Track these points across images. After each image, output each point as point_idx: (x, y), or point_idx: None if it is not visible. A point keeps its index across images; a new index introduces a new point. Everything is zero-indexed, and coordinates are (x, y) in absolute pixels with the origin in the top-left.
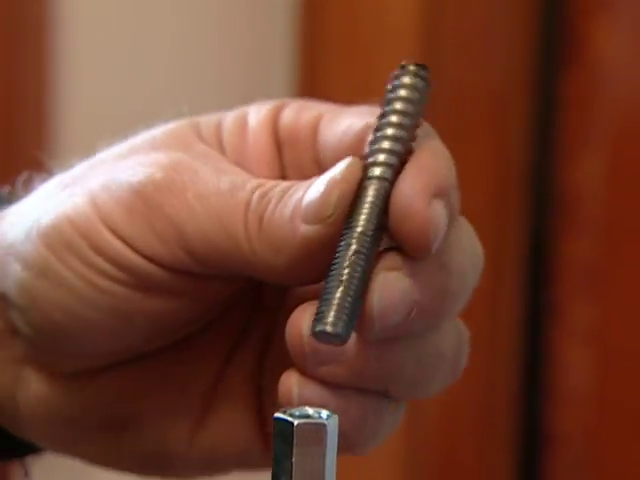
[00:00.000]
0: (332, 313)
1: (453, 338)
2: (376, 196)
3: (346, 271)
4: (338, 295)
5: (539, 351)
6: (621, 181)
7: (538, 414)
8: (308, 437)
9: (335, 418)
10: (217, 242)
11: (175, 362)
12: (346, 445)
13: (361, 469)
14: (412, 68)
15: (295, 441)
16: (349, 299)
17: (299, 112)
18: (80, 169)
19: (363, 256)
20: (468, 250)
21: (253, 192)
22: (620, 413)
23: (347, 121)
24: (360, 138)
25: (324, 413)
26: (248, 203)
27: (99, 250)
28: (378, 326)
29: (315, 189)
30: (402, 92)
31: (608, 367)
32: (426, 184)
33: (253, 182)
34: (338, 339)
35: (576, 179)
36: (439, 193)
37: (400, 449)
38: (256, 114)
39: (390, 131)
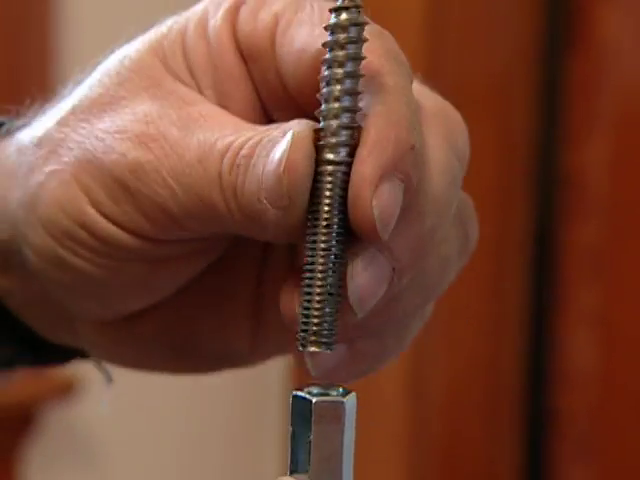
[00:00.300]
0: (314, 329)
1: (454, 239)
2: (334, 185)
3: (319, 275)
4: (316, 307)
5: (544, 333)
6: (626, 165)
7: (543, 395)
8: (326, 415)
9: (353, 396)
10: (201, 215)
11: (214, 284)
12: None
13: (367, 449)
14: (347, 11)
15: (313, 419)
16: (327, 310)
17: (255, 16)
18: (54, 125)
19: (332, 254)
20: (440, 170)
21: (222, 158)
22: (624, 393)
23: (302, 37)
24: (316, 61)
25: (342, 391)
26: (220, 174)
27: (97, 236)
28: (362, 313)
29: (268, 172)
30: (348, 47)
31: (612, 349)
32: (373, 166)
33: (219, 144)
34: (325, 348)
35: (581, 163)
36: (388, 169)
37: (405, 429)
38: (214, 23)
39: (338, 104)
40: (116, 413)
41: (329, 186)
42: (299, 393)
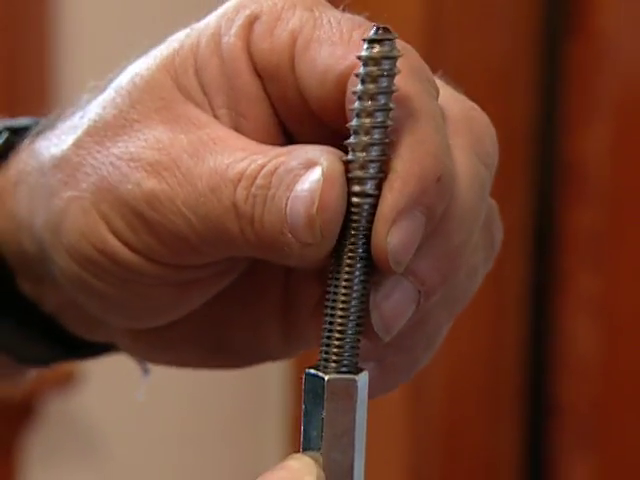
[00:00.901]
0: (334, 358)
1: (481, 248)
2: (360, 217)
3: (341, 306)
4: (337, 336)
5: (544, 321)
6: (626, 151)
7: (544, 382)
8: (339, 392)
9: (365, 374)
10: (218, 243)
11: (242, 288)
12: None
13: (368, 443)
14: (379, 40)
15: (326, 396)
16: (349, 339)
17: (271, 32)
18: (71, 146)
19: (354, 284)
20: (468, 184)
21: (236, 188)
22: (625, 382)
23: (324, 58)
24: (340, 82)
25: (354, 369)
26: (234, 204)
27: (119, 263)
28: (387, 337)
29: (297, 211)
30: (376, 81)
31: (613, 337)
32: (392, 203)
33: (230, 173)
34: (348, 373)
35: (581, 149)
36: (407, 206)
37: (406, 421)
38: (228, 39)
39: (368, 137)
40: (117, 404)
41: (355, 217)
42: (312, 371)
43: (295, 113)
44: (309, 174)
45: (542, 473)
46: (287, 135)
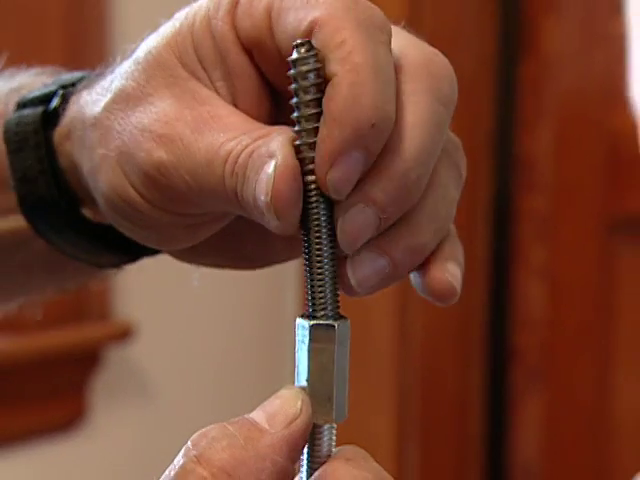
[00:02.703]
0: (320, 307)
1: (453, 180)
2: (316, 192)
3: (317, 271)
4: (318, 289)
5: (504, 283)
6: (565, 149)
7: (503, 333)
8: (320, 336)
9: (345, 321)
10: (215, 203)
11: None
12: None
13: (362, 377)
14: (301, 51)
15: (310, 339)
16: (328, 289)
17: (250, 11)
18: (103, 110)
19: (324, 251)
20: (420, 122)
21: (224, 165)
22: (566, 332)
23: (291, 22)
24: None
25: (337, 317)
26: (223, 177)
27: (139, 211)
28: (351, 250)
29: (259, 196)
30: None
31: (557, 295)
32: (328, 149)
33: (222, 151)
34: (330, 319)
35: (531, 148)
36: (343, 149)
37: (393, 360)
38: (216, 23)
39: (309, 124)
40: (166, 352)
41: (312, 193)
42: (300, 319)
43: (282, 75)
44: (266, 166)
45: (503, 406)
46: (281, 106)
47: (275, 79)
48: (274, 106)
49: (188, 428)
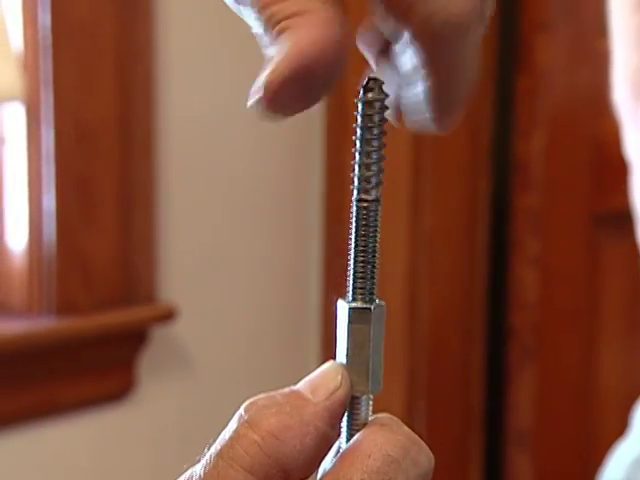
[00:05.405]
0: (355, 295)
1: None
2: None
3: (360, 258)
4: (359, 277)
5: (502, 270)
6: (556, 152)
7: (501, 315)
8: (358, 318)
9: (381, 304)
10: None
11: None
12: None
13: None
14: (370, 91)
15: (349, 320)
16: (367, 279)
17: None
18: None
19: (369, 240)
20: None
21: None
22: (556, 314)
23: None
24: None
25: (374, 301)
26: None
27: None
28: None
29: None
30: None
31: (548, 282)
32: None
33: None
34: (368, 302)
35: (526, 151)
36: None
37: (404, 336)
38: None
39: (367, 172)
40: (207, 331)
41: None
42: (341, 301)
43: None
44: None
45: (501, 379)
46: None
47: None
48: None
49: (224, 398)
